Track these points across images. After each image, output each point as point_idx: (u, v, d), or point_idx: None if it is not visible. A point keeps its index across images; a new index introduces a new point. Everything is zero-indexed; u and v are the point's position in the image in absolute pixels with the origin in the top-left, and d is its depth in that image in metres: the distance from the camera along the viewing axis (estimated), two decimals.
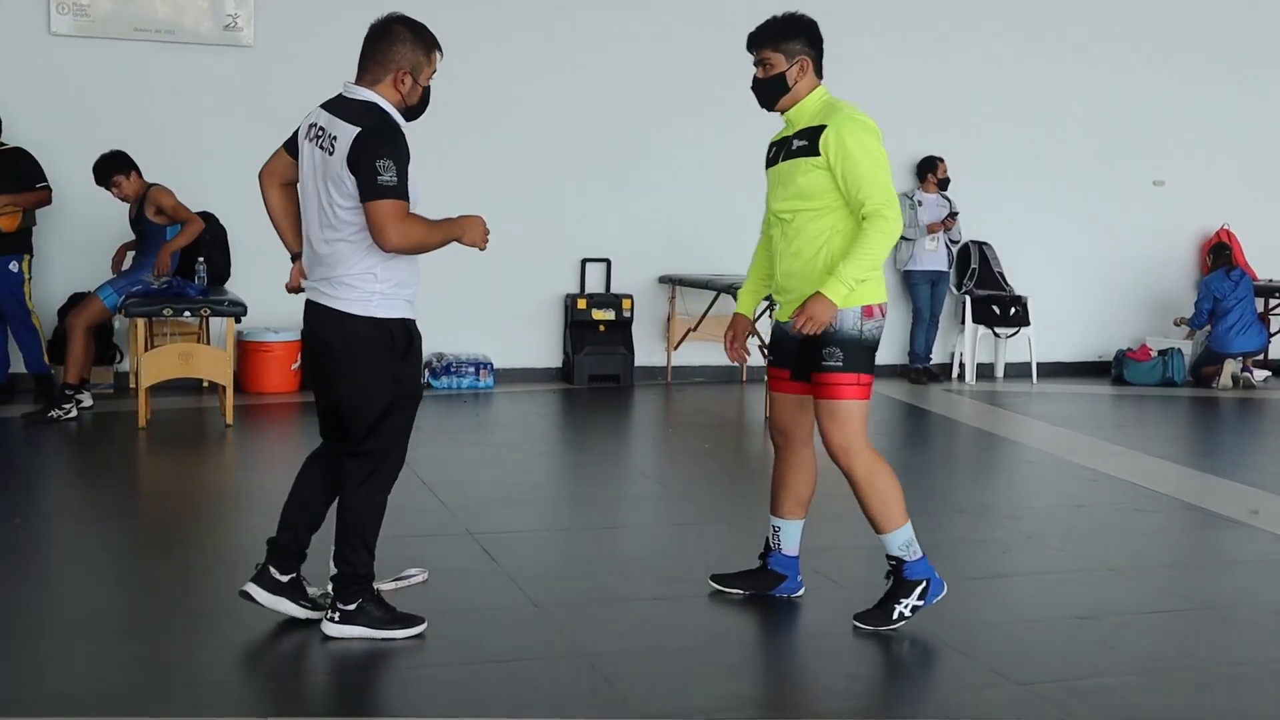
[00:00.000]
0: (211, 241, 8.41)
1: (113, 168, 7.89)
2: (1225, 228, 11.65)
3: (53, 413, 7.72)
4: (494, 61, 9.77)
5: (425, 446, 7.67)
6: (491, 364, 9.78)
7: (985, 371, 11.09)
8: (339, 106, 3.92)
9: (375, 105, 3.90)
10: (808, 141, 4.21)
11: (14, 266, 8.15)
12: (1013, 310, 10.84)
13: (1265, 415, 9.67)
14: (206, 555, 5.17)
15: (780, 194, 4.32)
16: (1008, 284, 11.06)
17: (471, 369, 9.67)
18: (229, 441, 7.56)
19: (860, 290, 4.17)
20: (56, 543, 5.40)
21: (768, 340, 4.61)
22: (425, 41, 4.00)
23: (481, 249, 4.13)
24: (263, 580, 4.10)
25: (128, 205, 8.07)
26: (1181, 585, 5.04)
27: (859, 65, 9.35)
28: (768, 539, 4.62)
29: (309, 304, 4.05)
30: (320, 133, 3.91)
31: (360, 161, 3.77)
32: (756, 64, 4.36)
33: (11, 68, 8.82)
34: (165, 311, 7.82)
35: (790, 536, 4.57)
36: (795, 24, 4.32)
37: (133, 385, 8.13)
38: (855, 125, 4.16)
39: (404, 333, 4.00)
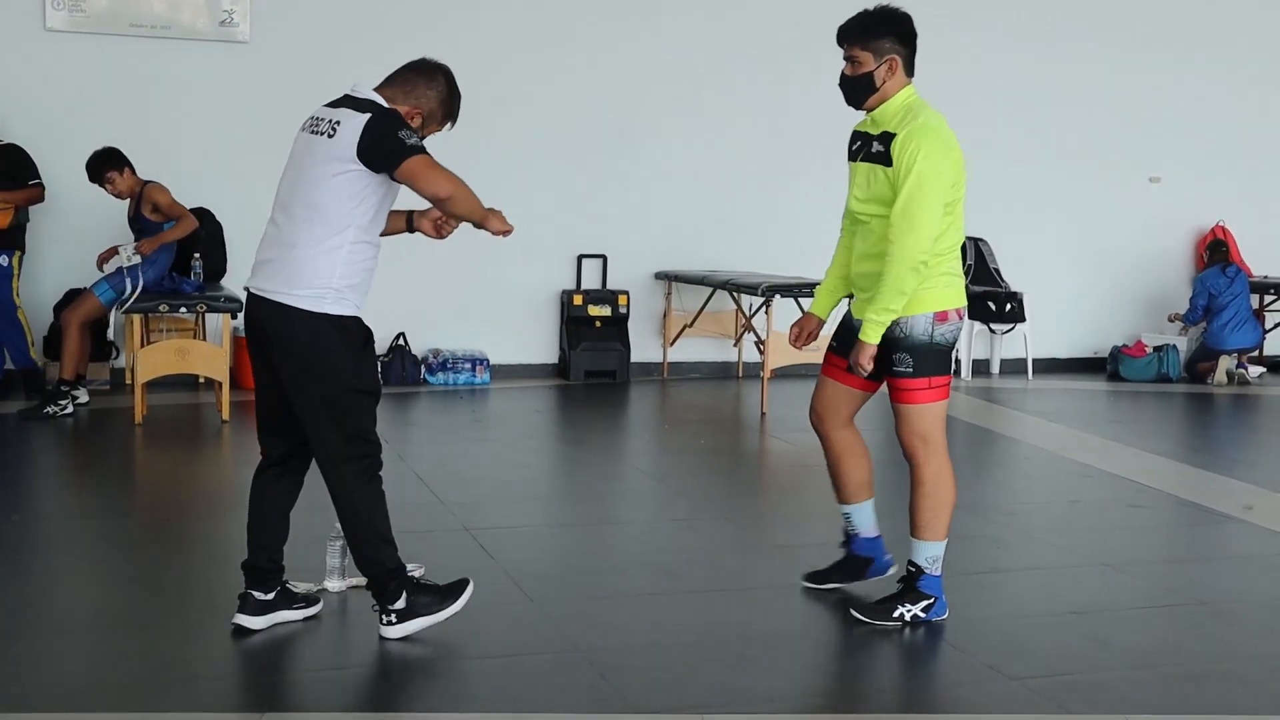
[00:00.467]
0: (207, 238, 8.41)
1: (106, 164, 7.89)
2: (1220, 225, 11.67)
3: (49, 409, 7.72)
4: (491, 59, 9.77)
5: (422, 443, 7.70)
6: (488, 360, 9.79)
7: (981, 367, 11.10)
8: (343, 101, 3.92)
9: (380, 102, 3.90)
10: (884, 148, 4.14)
11: (3, 261, 8.14)
12: (1008, 306, 10.85)
13: (1260, 411, 9.70)
14: (203, 550, 5.18)
15: (859, 194, 4.27)
16: (1003, 280, 11.08)
17: (468, 365, 9.68)
18: (225, 437, 7.57)
19: (933, 294, 4.14)
20: (54, 538, 5.40)
21: (835, 327, 4.53)
22: (450, 107, 4.06)
23: (508, 232, 4.04)
24: (248, 607, 4.04)
25: (125, 202, 8.08)
26: (1176, 580, 5.05)
27: None
28: (844, 528, 4.60)
29: (255, 298, 3.94)
30: (318, 122, 3.90)
31: (380, 139, 3.76)
32: (845, 59, 4.24)
33: (7, 63, 8.82)
34: (161, 308, 7.84)
35: (863, 519, 4.54)
36: (886, 19, 4.21)
37: (129, 381, 8.14)
38: (926, 136, 4.07)
39: (359, 327, 3.95)
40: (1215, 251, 11.09)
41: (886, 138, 4.15)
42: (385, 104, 3.89)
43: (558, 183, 10.01)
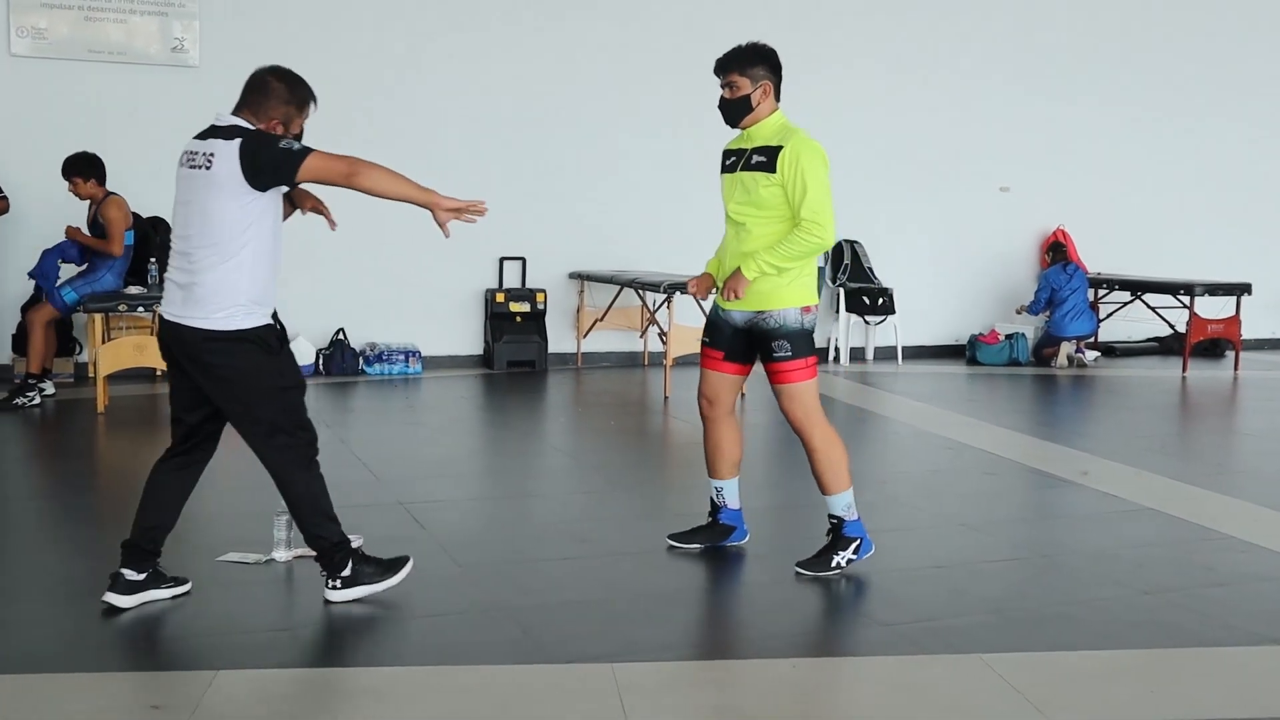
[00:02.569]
0: (162, 245, 8.25)
1: (73, 169, 7.70)
2: (1061, 228, 11.93)
3: (18, 400, 7.55)
4: (419, 76, 9.71)
5: (360, 426, 7.63)
6: (420, 352, 9.73)
7: (857, 355, 11.25)
8: (211, 132, 3.79)
9: (243, 125, 3.77)
10: (766, 159, 4.31)
11: None
12: (880, 300, 11.01)
13: (1095, 390, 9.93)
14: None
15: (739, 198, 4.40)
16: (876, 277, 11.23)
17: (402, 357, 9.61)
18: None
19: (799, 291, 4.34)
20: (22, 517, 5.28)
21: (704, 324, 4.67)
22: (299, 97, 3.85)
23: (461, 210, 3.97)
24: (118, 586, 3.88)
25: (87, 206, 7.91)
26: (1022, 537, 5.18)
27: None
28: (712, 499, 4.72)
29: (170, 324, 3.79)
30: (193, 155, 3.76)
31: (260, 158, 3.64)
32: (723, 86, 4.41)
33: None
34: (120, 307, 7.70)
35: (732, 494, 4.70)
36: (759, 52, 4.40)
37: (91, 374, 7.98)
38: (809, 149, 4.28)
39: (272, 332, 3.85)
40: (1057, 251, 11.33)
41: (769, 150, 4.32)
42: (248, 125, 3.76)
43: (480, 191, 9.82)
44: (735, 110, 4.42)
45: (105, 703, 3.24)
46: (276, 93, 3.82)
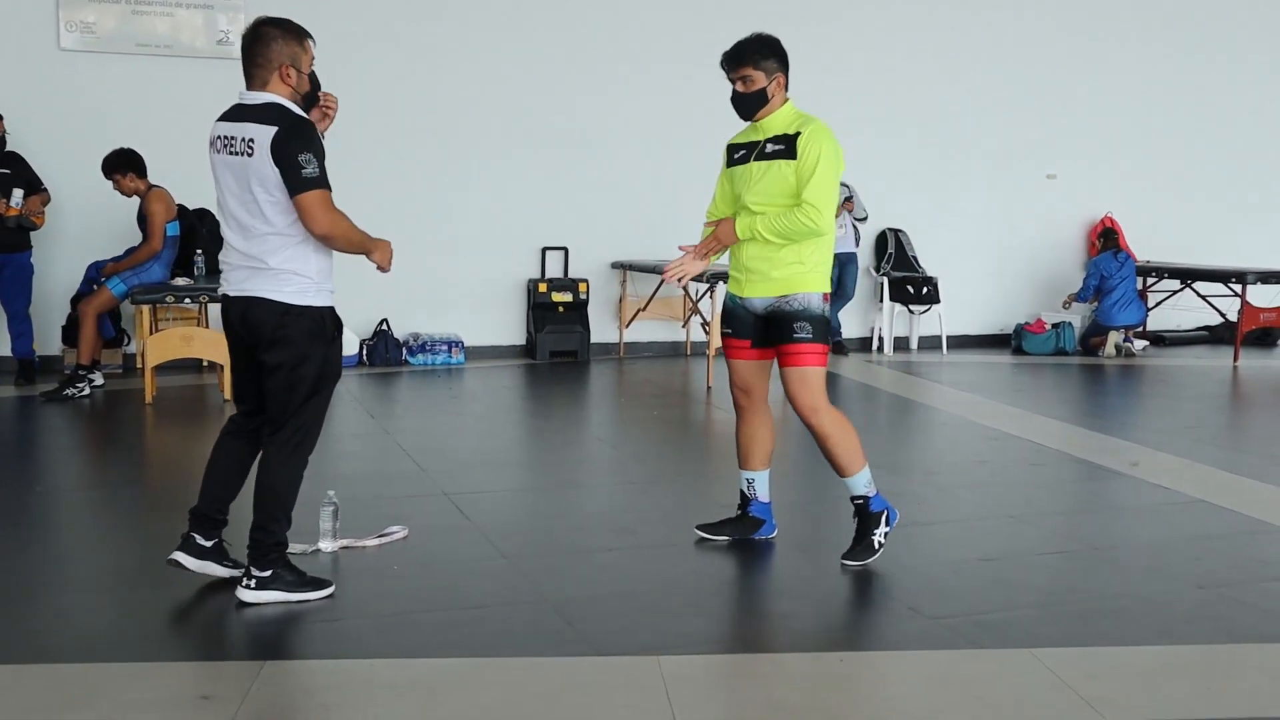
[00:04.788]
0: (208, 236, 8.34)
1: (113, 166, 7.80)
2: (1109, 216, 11.78)
3: (68, 391, 7.64)
4: (460, 70, 9.72)
5: (404, 417, 7.66)
6: (463, 342, 9.76)
7: (901, 344, 11.17)
8: (242, 113, 3.77)
9: (278, 104, 3.75)
10: (784, 146, 4.30)
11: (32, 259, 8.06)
12: (925, 289, 10.92)
13: (1144, 380, 9.81)
14: None
15: (757, 189, 4.36)
16: (920, 266, 11.14)
17: (445, 347, 9.64)
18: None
19: (820, 279, 4.36)
20: (73, 507, 5.35)
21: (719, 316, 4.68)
22: (295, 33, 3.83)
23: (385, 270, 4.03)
24: (189, 547, 3.99)
25: (136, 201, 7.98)
26: (1071, 529, 5.11)
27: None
28: (743, 491, 4.71)
29: (234, 300, 3.86)
30: (230, 141, 3.76)
31: (284, 158, 3.65)
32: (736, 80, 4.38)
33: (25, 80, 8.69)
34: (168, 299, 7.77)
35: (763, 486, 4.70)
36: (770, 45, 4.38)
37: (139, 365, 8.06)
38: (828, 138, 4.28)
39: (333, 318, 3.91)
40: (1108, 239, 11.19)
41: (786, 139, 4.32)
42: (278, 99, 3.76)
43: (523, 182, 9.97)
44: (751, 104, 4.41)
45: (156, 693, 3.26)
46: (273, 36, 3.78)
